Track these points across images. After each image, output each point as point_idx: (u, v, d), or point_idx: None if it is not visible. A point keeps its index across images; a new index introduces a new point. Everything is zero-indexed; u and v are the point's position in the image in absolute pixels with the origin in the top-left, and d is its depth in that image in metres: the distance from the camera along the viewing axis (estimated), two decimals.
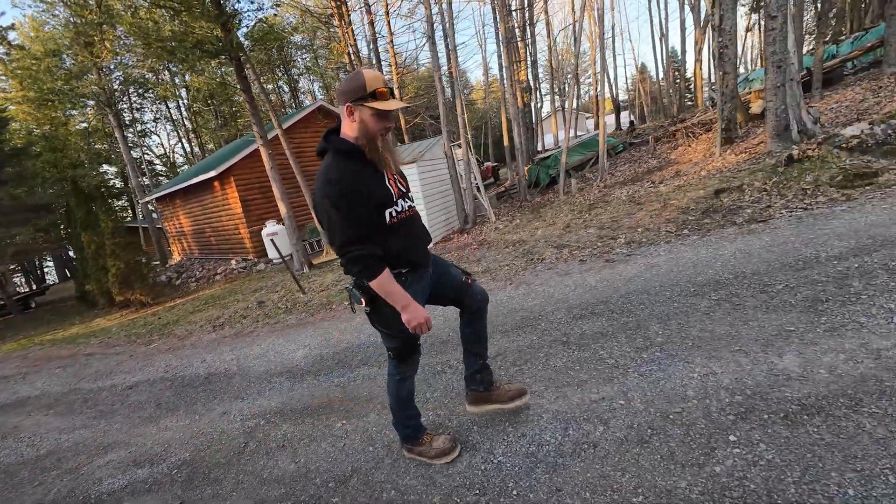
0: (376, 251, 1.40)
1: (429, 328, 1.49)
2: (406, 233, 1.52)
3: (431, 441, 1.76)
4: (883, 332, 1.64)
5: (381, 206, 1.43)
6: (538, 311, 2.95)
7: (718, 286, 2.48)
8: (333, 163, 1.40)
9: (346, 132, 1.43)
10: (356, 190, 1.38)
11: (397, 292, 1.43)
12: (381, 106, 1.35)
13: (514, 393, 1.81)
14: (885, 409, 1.29)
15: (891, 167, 3.46)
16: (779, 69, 5.20)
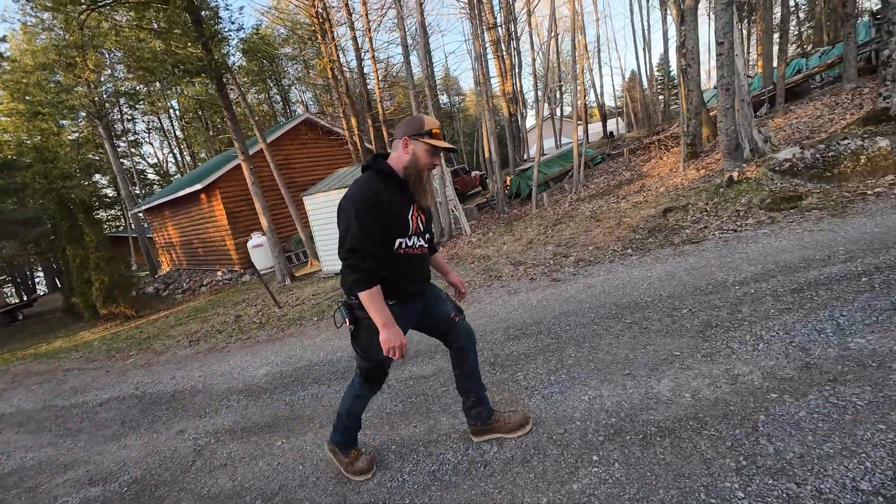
0: (376, 267, 1.48)
1: (402, 355, 1.52)
2: (407, 267, 1.61)
3: (357, 458, 1.88)
4: (746, 359, 1.83)
5: (394, 233, 1.54)
6: (480, 330, 3.13)
7: (636, 309, 2.68)
8: (373, 180, 1.52)
9: (395, 162, 1.57)
10: (382, 210, 1.48)
11: (382, 311, 1.49)
12: (436, 143, 1.53)
13: (515, 424, 1.83)
14: (721, 432, 1.48)
15: (814, 191, 3.69)
16: (727, 92, 5.47)
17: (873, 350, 1.63)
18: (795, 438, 1.35)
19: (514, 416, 1.86)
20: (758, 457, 1.33)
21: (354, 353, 1.72)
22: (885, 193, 3.34)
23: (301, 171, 13.66)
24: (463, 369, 1.85)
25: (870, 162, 3.73)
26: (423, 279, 1.72)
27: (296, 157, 13.77)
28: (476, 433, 1.87)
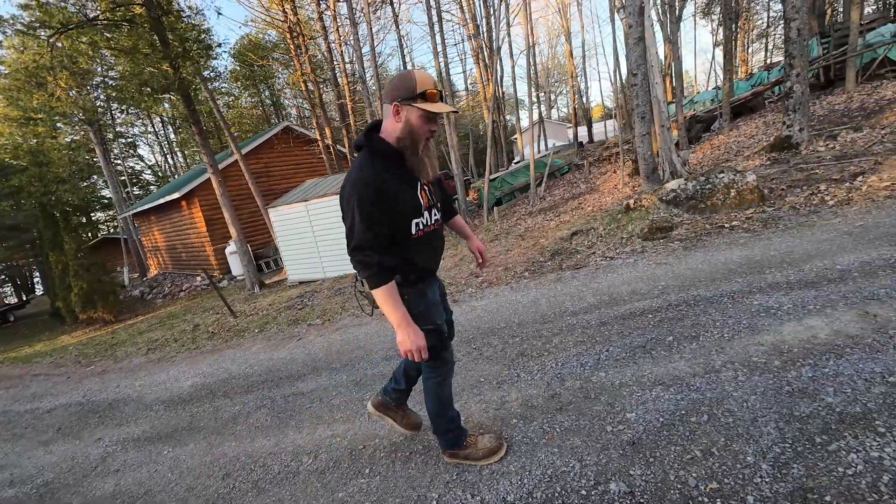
0: (386, 261, 1.36)
1: (423, 358, 1.40)
2: (427, 246, 1.49)
3: (476, 442, 1.73)
4: (521, 387, 2.19)
5: (408, 216, 1.40)
6: (343, 356, 3.51)
7: (488, 334, 3.03)
8: (369, 162, 1.36)
9: (389, 132, 1.38)
10: (384, 194, 1.33)
11: (397, 309, 1.37)
12: (430, 108, 1.30)
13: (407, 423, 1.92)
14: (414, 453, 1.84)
15: (686, 222, 4.04)
16: (643, 120, 5.80)
17: (601, 384, 1.99)
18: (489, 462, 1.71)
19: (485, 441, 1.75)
20: (465, 474, 1.69)
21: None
22: (738, 226, 3.68)
23: (280, 178, 14.02)
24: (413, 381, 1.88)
25: (739, 195, 4.07)
26: (441, 251, 1.62)
27: (276, 164, 14.13)
28: (378, 406, 1.92)
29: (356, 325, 4.38)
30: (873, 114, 6.02)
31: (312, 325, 4.91)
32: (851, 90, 8.20)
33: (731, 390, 1.66)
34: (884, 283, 2.08)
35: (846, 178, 3.93)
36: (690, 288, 2.74)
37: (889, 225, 2.77)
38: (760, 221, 3.61)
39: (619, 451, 1.54)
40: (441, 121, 14.34)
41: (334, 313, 5.15)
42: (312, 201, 8.15)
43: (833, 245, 2.72)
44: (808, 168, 4.60)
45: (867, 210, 3.17)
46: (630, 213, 4.66)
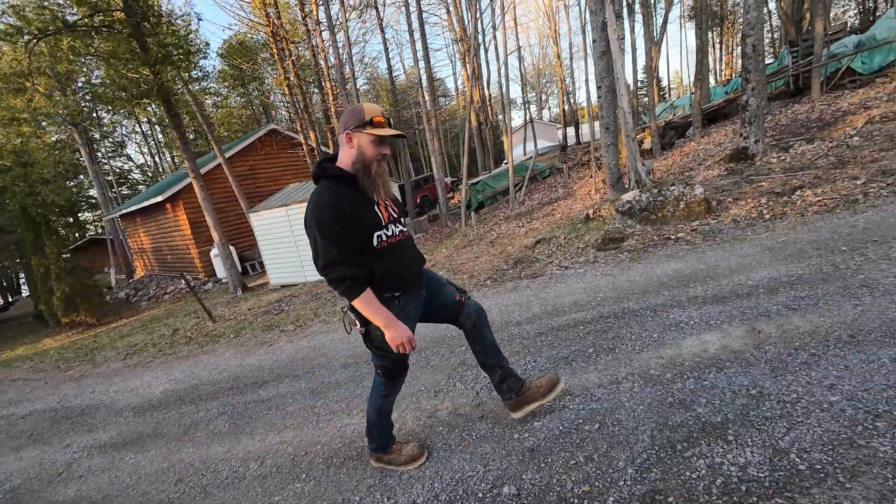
0: (357, 273, 1.46)
1: (412, 347, 1.53)
2: (396, 256, 1.56)
3: (401, 449, 1.88)
4: (430, 397, 2.36)
5: (369, 230, 1.50)
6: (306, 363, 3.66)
7: (440, 343, 3.19)
8: (324, 187, 1.47)
9: (343, 160, 1.52)
10: (343, 214, 1.44)
11: (380, 312, 1.48)
12: (378, 132, 1.45)
13: (546, 387, 1.84)
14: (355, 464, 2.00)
15: (637, 233, 4.23)
16: (608, 131, 6.00)
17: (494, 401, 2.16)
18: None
19: (544, 378, 1.87)
20: (387, 479, 1.85)
21: (371, 354, 1.70)
22: (683, 238, 3.88)
23: (267, 181, 14.07)
24: (483, 345, 1.83)
25: (687, 207, 4.27)
26: (418, 262, 1.70)
27: (262, 167, 14.17)
28: (513, 407, 1.87)
29: (324, 332, 4.52)
30: (828, 125, 6.27)
31: (284, 332, 5.04)
32: (816, 100, 8.48)
33: (625, 401, 1.84)
34: (779, 300, 2.27)
35: (786, 191, 4.15)
36: (623, 300, 2.93)
37: (805, 241, 2.98)
38: (702, 234, 3.82)
39: (519, 457, 1.71)
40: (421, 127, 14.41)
41: (307, 319, 5.28)
42: (293, 206, 8.26)
43: (753, 260, 2.92)
44: (758, 180, 4.82)
45: (793, 225, 3.38)
46: (589, 223, 4.85)
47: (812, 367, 1.68)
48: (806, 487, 1.22)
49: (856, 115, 6.10)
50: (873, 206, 3.24)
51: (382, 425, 1.84)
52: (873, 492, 1.15)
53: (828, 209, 3.47)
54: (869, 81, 8.25)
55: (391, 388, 1.78)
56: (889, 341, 1.70)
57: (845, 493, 1.17)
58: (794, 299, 2.23)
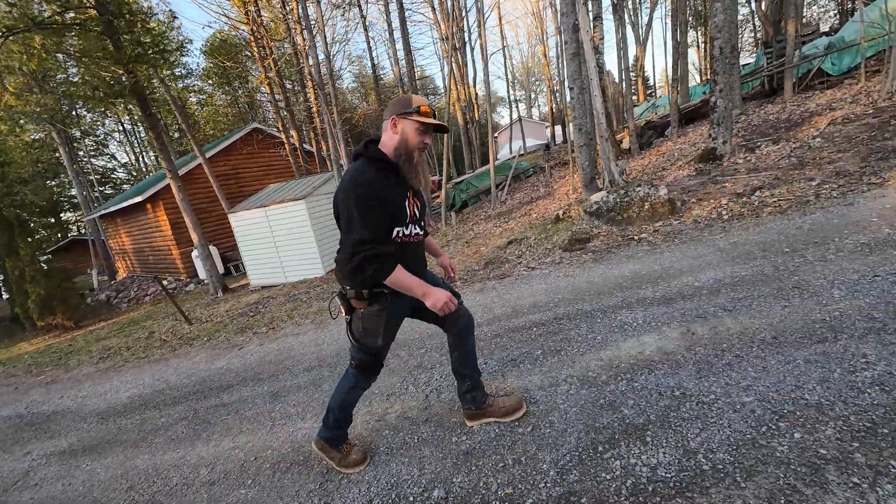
0: (390, 250, 1.47)
1: (455, 305, 1.53)
2: (406, 257, 1.57)
3: (350, 451, 1.89)
4: (375, 399, 2.39)
5: (393, 223, 1.50)
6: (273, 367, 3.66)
7: (402, 345, 3.21)
8: (365, 168, 1.47)
9: (386, 144, 1.53)
10: (382, 197, 1.44)
11: (414, 283, 1.49)
12: (424, 119, 1.48)
13: (508, 409, 1.87)
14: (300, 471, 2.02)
15: (603, 233, 4.29)
16: (580, 132, 6.06)
17: (441, 404, 2.19)
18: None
19: (508, 400, 1.90)
20: (327, 483, 1.87)
21: (350, 346, 1.72)
22: (645, 239, 3.94)
23: (251, 180, 13.92)
24: (462, 352, 1.85)
25: (652, 208, 4.34)
26: (422, 267, 1.71)
27: (245, 166, 14.01)
28: (470, 417, 1.91)
29: (294, 335, 4.51)
30: (794, 126, 6.41)
31: (257, 334, 5.02)
32: (788, 100, 8.65)
33: (560, 403, 1.88)
34: (718, 301, 2.33)
35: (746, 192, 4.24)
36: (579, 301, 2.98)
37: (754, 243, 3.05)
38: (663, 235, 3.89)
39: (454, 461, 1.74)
40: None
41: (281, 321, 5.27)
42: (272, 207, 8.20)
43: (704, 261, 2.99)
44: (723, 181, 4.91)
45: (747, 226, 3.46)
46: (558, 224, 4.90)
47: (734, 369, 1.74)
48: (706, 487, 1.26)
49: (821, 116, 6.25)
50: (822, 208, 3.33)
51: (341, 418, 1.85)
52: (764, 490, 1.20)
53: (780, 211, 3.56)
54: (838, 82, 8.43)
55: (361, 382, 1.79)
56: (806, 342, 1.76)
57: (740, 492, 1.22)
58: (732, 301, 2.29)
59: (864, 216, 2.88)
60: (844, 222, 2.90)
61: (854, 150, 4.46)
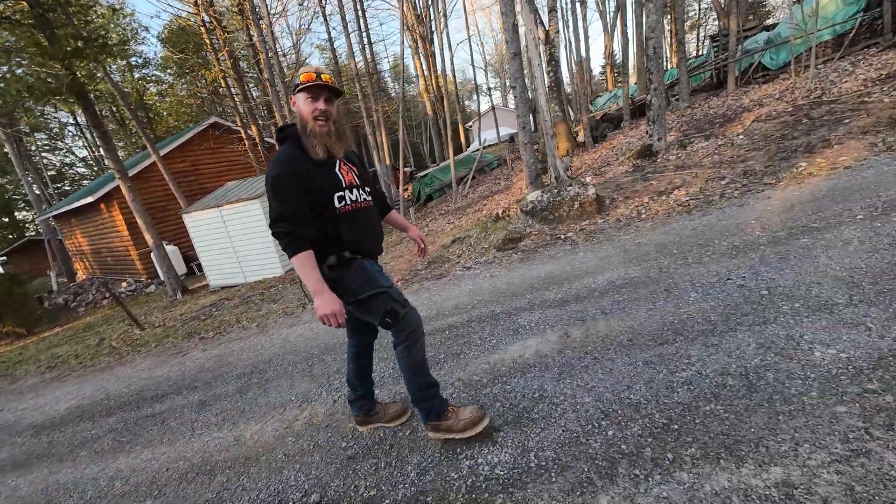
0: (302, 232, 1.46)
1: (339, 323, 1.48)
2: (359, 223, 1.58)
3: (457, 413, 1.69)
4: (304, 407, 2.51)
5: (328, 191, 1.52)
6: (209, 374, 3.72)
7: (328, 351, 3.33)
8: (288, 148, 1.54)
9: (297, 124, 1.57)
10: (296, 173, 1.47)
11: (312, 277, 1.46)
12: (303, 84, 1.49)
13: (392, 415, 2.00)
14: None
15: (534, 232, 4.47)
16: (524, 129, 6.19)
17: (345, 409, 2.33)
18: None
19: (393, 408, 2.02)
20: (224, 492, 1.98)
21: (370, 319, 1.62)
22: (571, 238, 4.14)
23: (212, 176, 13.54)
24: (357, 364, 1.91)
25: (581, 207, 4.54)
26: (379, 236, 1.72)
27: (205, 162, 13.60)
28: (362, 423, 2.02)
29: (238, 339, 4.55)
30: (727, 122, 6.72)
31: (203, 339, 5.02)
32: (730, 93, 9.01)
33: None
34: (602, 304, 2.53)
35: (667, 191, 4.48)
36: (494, 303, 3.14)
37: (654, 243, 3.28)
38: (586, 234, 4.09)
39: (337, 466, 1.88)
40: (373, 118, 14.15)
41: (228, 325, 5.28)
42: (226, 207, 8.06)
43: (608, 262, 3.19)
44: (652, 178, 5.16)
45: (655, 226, 3.69)
46: (498, 223, 5.06)
47: (588, 371, 1.92)
48: (525, 483, 1.44)
49: (750, 112, 6.57)
50: (720, 208, 3.58)
51: (425, 383, 1.68)
52: (569, 483, 1.38)
53: (687, 210, 3.80)
54: (776, 76, 8.83)
55: (404, 331, 1.60)
56: (652, 345, 1.96)
57: (549, 486, 1.39)
58: (612, 303, 2.49)
59: (747, 218, 3.13)
60: (730, 224, 3.14)
61: (766, 148, 4.76)
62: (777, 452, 1.25)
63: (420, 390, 1.67)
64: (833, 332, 1.64)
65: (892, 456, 1.14)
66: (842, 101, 5.30)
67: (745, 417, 1.40)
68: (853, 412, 1.29)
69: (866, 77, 5.77)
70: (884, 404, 1.28)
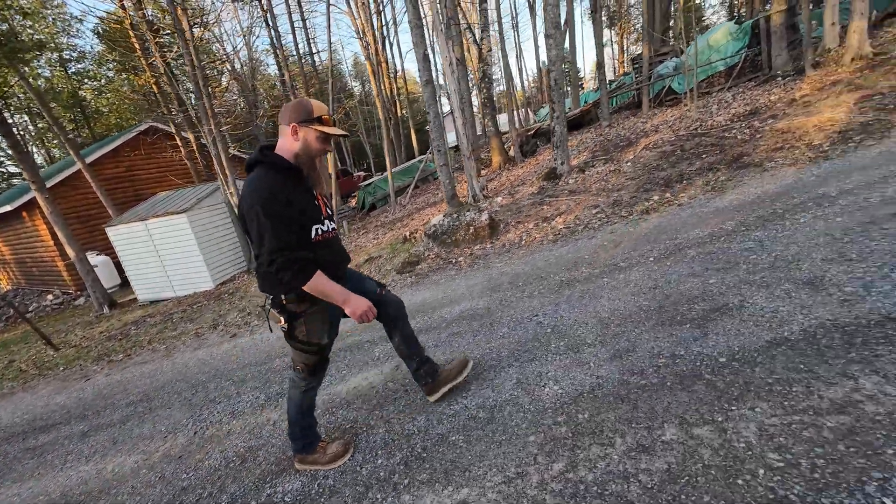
0: (308, 255, 1.49)
1: (374, 315, 1.63)
2: (329, 252, 1.63)
3: (326, 446, 1.91)
4: (169, 438, 2.71)
5: (308, 223, 1.54)
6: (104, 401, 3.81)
7: (218, 377, 3.51)
8: (268, 176, 1.48)
9: (285, 149, 1.53)
10: (288, 201, 1.46)
11: (335, 290, 1.53)
12: (327, 130, 1.52)
13: (456, 368, 2.08)
14: None
15: (431, 256, 4.82)
16: (440, 152, 6.55)
17: (214, 434, 2.56)
18: None
19: (454, 363, 2.11)
20: None
21: (294, 353, 1.72)
22: (460, 263, 4.52)
23: (148, 183, 13.04)
24: (402, 336, 1.97)
25: (475, 232, 4.94)
26: (346, 260, 1.79)
27: (142, 167, 13.08)
28: (430, 391, 2.06)
29: (142, 363, 4.61)
30: (628, 146, 7.38)
31: (112, 362, 5.02)
32: (644, 115, 9.80)
33: (272, 439, 2.31)
34: (440, 336, 2.88)
35: (550, 217, 4.96)
36: (367, 332, 3.43)
37: (512, 273, 3.69)
38: (472, 259, 4.48)
39: (169, 498, 2.11)
40: None
41: (140, 347, 5.29)
42: (152, 220, 7.91)
43: (471, 291, 3.57)
44: (548, 201, 5.64)
45: (525, 255, 4.13)
46: (405, 244, 5.37)
47: (394, 403, 2.26)
48: None
49: (647, 138, 7.25)
50: (576, 239, 4.06)
51: (305, 423, 1.86)
52: None
53: (556, 239, 4.27)
54: (682, 100, 9.69)
55: (313, 380, 1.79)
56: None
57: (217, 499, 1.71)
58: (449, 335, 2.86)
59: (585, 252, 3.61)
60: (572, 257, 3.61)
61: (640, 178, 5.34)
62: (473, 476, 1.62)
63: (300, 430, 1.87)
64: (567, 370, 2.06)
65: (543, 476, 1.53)
66: (710, 134, 6.01)
67: (472, 446, 1.77)
68: (537, 441, 1.69)
69: (736, 112, 6.55)
70: (558, 435, 1.69)
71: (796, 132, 4.78)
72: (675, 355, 1.93)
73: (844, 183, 3.19)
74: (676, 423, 1.56)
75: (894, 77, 5.28)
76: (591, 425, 1.68)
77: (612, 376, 1.92)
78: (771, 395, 1.56)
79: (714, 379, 1.72)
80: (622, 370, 1.94)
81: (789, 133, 4.85)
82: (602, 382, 1.90)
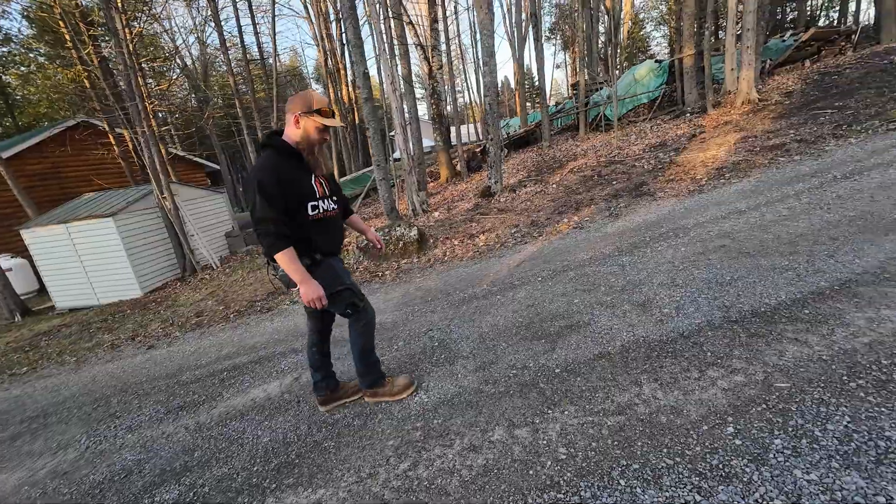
0: (284, 231, 1.68)
1: (323, 304, 1.78)
2: (326, 229, 1.85)
3: (393, 381, 2.21)
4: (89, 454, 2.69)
5: (303, 199, 1.74)
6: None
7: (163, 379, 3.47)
8: (272, 156, 1.72)
9: (289, 136, 1.77)
10: (284, 180, 1.68)
11: (298, 269, 1.72)
12: (324, 121, 1.73)
13: (353, 389, 2.28)
14: None
15: (360, 270, 5.00)
16: (379, 167, 6.78)
17: (131, 442, 2.59)
18: None
19: (353, 383, 2.31)
20: None
21: (333, 306, 1.94)
22: (385, 276, 4.72)
23: (77, 182, 12.16)
24: (321, 348, 2.19)
25: (405, 247, 5.18)
26: (341, 239, 2.01)
27: (70, 165, 12.20)
28: (323, 402, 2.28)
29: (49, 377, 4.39)
30: (559, 167, 7.97)
31: (14, 375, 4.72)
32: (580, 139, 10.60)
33: (160, 449, 2.38)
34: (343, 350, 3.07)
35: (476, 234, 5.30)
36: (251, 352, 3.53)
37: (426, 289, 3.95)
38: (396, 273, 4.70)
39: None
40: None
41: (48, 359, 5.00)
42: (74, 224, 7.45)
43: (387, 305, 3.78)
44: (478, 219, 6.00)
45: (444, 270, 4.42)
46: (364, 253, 5.50)
47: (288, 413, 2.42)
48: None
49: (575, 161, 7.88)
50: (491, 257, 4.41)
51: (371, 360, 2.14)
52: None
53: (475, 256, 4.60)
54: (612, 127, 10.59)
55: (363, 315, 2.02)
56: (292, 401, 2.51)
57: None
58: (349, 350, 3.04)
59: (492, 270, 3.96)
60: (479, 275, 3.94)
61: (558, 200, 5.84)
62: (333, 477, 1.82)
63: (367, 366, 2.14)
64: (439, 381, 2.32)
65: (388, 475, 1.76)
66: (625, 162, 6.67)
67: (340, 451, 1.97)
68: (394, 445, 1.92)
69: (649, 143, 7.30)
70: (413, 438, 1.93)
71: (687, 166, 5.47)
72: (525, 367, 2.25)
73: (701, 216, 3.76)
74: (505, 426, 1.86)
75: (769, 122, 6.18)
76: (440, 429, 1.94)
77: (472, 385, 2.21)
78: (580, 400, 1.90)
79: (545, 387, 2.05)
80: (481, 380, 2.24)
81: (682, 167, 5.53)
82: (461, 391, 2.18)
